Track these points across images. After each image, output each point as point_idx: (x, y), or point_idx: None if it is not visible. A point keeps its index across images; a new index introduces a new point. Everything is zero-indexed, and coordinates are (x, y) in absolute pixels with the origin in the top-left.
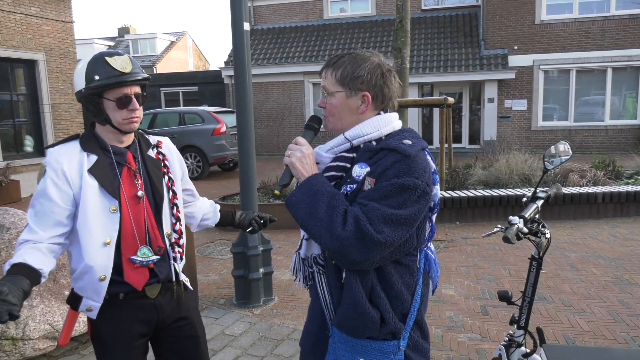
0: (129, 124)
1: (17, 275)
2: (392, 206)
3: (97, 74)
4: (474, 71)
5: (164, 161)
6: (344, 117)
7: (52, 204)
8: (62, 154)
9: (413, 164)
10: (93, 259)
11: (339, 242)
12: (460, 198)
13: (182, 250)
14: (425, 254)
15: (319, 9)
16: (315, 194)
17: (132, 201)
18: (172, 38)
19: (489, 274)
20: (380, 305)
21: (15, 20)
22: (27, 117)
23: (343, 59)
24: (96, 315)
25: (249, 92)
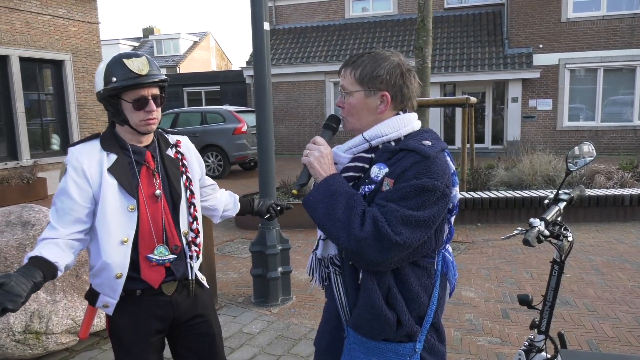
0: (146, 125)
1: (30, 267)
2: (410, 207)
3: (114, 75)
4: (497, 70)
5: (183, 160)
6: (363, 117)
7: (72, 201)
8: (83, 153)
9: (432, 165)
10: (110, 257)
11: (357, 242)
12: (482, 199)
13: (198, 249)
14: (443, 256)
15: (340, 8)
16: (333, 194)
17: (150, 200)
18: (195, 38)
19: (510, 276)
20: (397, 307)
21: (43, 22)
22: (54, 116)
23: (362, 58)
24: (113, 312)
25: (269, 91)
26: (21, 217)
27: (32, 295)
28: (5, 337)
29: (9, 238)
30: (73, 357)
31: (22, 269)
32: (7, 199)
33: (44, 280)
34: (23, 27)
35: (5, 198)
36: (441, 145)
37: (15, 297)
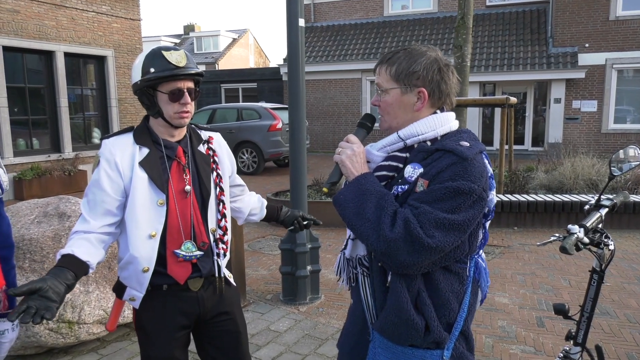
0: (179, 118)
1: (63, 269)
2: (445, 210)
3: (152, 66)
4: (540, 70)
5: (214, 157)
6: (399, 115)
7: (104, 193)
8: (116, 145)
9: (470, 167)
10: (138, 250)
11: (386, 244)
12: (520, 202)
13: (226, 247)
14: (476, 262)
15: (379, 5)
16: (363, 193)
17: (179, 195)
18: (234, 35)
19: (547, 283)
20: (426, 312)
21: (88, 18)
22: (96, 110)
23: (398, 54)
24: (139, 305)
25: (302, 88)
26: (58, 209)
27: None
28: (39, 326)
29: (45, 229)
30: (104, 347)
31: (55, 270)
32: (50, 190)
33: (76, 280)
34: (68, 23)
35: (47, 189)
36: (479, 147)
37: (51, 304)
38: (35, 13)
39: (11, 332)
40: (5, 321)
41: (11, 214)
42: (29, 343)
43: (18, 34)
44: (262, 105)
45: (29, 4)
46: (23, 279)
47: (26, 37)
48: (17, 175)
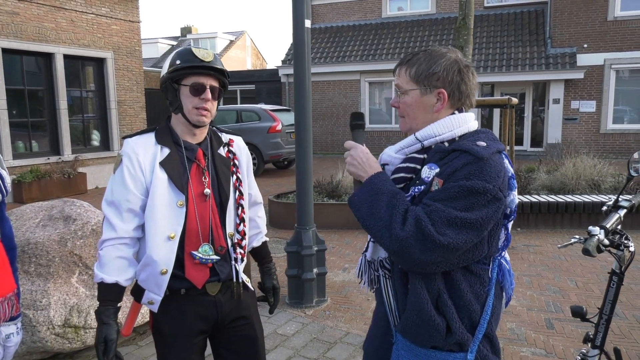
0: (198, 115)
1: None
2: (457, 208)
3: (179, 59)
4: (539, 70)
5: (234, 160)
6: (419, 116)
7: (128, 192)
8: (139, 144)
9: (485, 166)
10: (156, 252)
11: (399, 242)
12: (523, 203)
13: (243, 252)
14: (499, 263)
15: (377, 7)
16: (376, 192)
17: (198, 198)
18: (231, 37)
19: (553, 284)
20: (447, 313)
21: (87, 20)
22: (95, 112)
23: (418, 55)
24: (157, 309)
25: (308, 89)
26: (63, 212)
27: (72, 289)
28: (45, 330)
29: (51, 232)
30: None
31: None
32: (49, 193)
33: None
34: (68, 25)
35: (47, 192)
36: (497, 146)
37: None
38: (35, 15)
39: (16, 336)
40: (10, 325)
41: (15, 218)
42: (34, 348)
43: (17, 36)
44: (262, 107)
45: (29, 6)
46: (29, 283)
47: (25, 39)
48: (17, 178)
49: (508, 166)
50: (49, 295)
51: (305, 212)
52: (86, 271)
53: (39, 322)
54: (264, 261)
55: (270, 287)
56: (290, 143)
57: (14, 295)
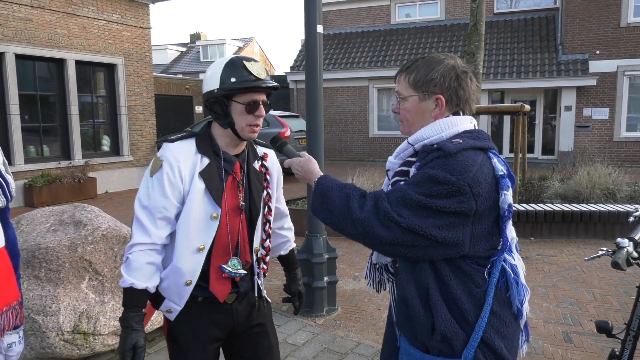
0: (250, 131)
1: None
2: (417, 192)
3: (234, 76)
4: (550, 77)
5: (266, 175)
6: (417, 122)
7: (167, 200)
8: (181, 151)
9: (452, 160)
10: (183, 262)
11: (361, 224)
12: (536, 212)
13: (266, 268)
14: (504, 270)
15: (386, 14)
16: (326, 190)
17: (232, 212)
18: (240, 44)
19: (570, 296)
20: (434, 307)
21: (99, 27)
22: (105, 118)
23: (417, 62)
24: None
25: (320, 95)
26: (74, 217)
27: (81, 295)
28: (54, 337)
29: (61, 237)
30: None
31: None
32: (59, 197)
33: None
34: (80, 31)
35: (57, 196)
36: (474, 143)
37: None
38: (48, 21)
39: (18, 345)
40: (12, 334)
41: (26, 222)
42: (43, 354)
43: (30, 42)
44: (271, 113)
45: (42, 13)
46: (39, 288)
47: (38, 45)
48: (28, 182)
49: (497, 165)
50: (58, 300)
51: (316, 220)
52: (96, 277)
53: (48, 328)
54: (290, 268)
55: (296, 291)
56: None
57: (18, 304)
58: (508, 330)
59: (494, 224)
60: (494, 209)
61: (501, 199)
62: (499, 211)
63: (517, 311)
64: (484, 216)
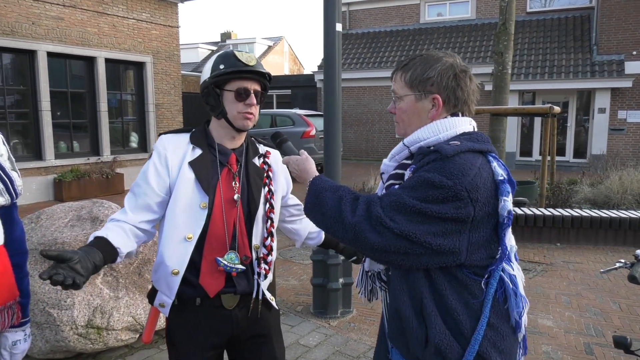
0: (243, 119)
1: (93, 248)
2: (412, 197)
3: (222, 64)
4: (583, 78)
5: (268, 172)
6: (413, 123)
7: (148, 186)
8: (172, 141)
9: (449, 164)
10: (170, 251)
11: (352, 229)
12: (563, 217)
13: (268, 268)
14: (502, 280)
15: (415, 12)
16: (319, 192)
17: (227, 204)
18: (269, 43)
19: (594, 306)
20: (428, 319)
21: (128, 25)
22: (134, 115)
23: (414, 60)
24: (171, 319)
25: (338, 94)
26: (91, 213)
27: (96, 290)
28: (68, 330)
29: (78, 232)
30: (132, 354)
31: (86, 248)
32: (88, 192)
33: (104, 263)
34: (110, 30)
35: (86, 191)
36: (473, 145)
37: (79, 277)
38: (79, 20)
39: (23, 343)
40: (17, 332)
41: (46, 217)
42: (58, 347)
43: (62, 40)
44: (296, 112)
45: (73, 12)
46: None
47: (69, 44)
48: (57, 177)
49: (497, 169)
50: (73, 295)
51: None
52: (111, 272)
53: (63, 322)
54: (335, 241)
55: (352, 251)
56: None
57: (16, 304)
58: (505, 344)
59: (492, 231)
60: (492, 215)
61: (500, 205)
62: (498, 218)
63: (515, 324)
64: (482, 223)
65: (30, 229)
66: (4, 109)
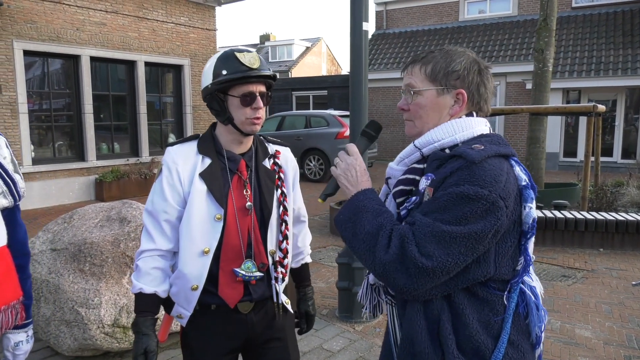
0: (251, 124)
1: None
2: (447, 221)
3: (225, 68)
4: (633, 75)
5: (280, 173)
6: (432, 120)
7: (166, 203)
8: (180, 154)
9: (478, 170)
10: (188, 266)
11: (382, 267)
12: (607, 221)
13: (285, 271)
14: (522, 292)
15: (454, 10)
16: (359, 211)
17: (240, 212)
18: (307, 44)
19: (638, 316)
20: (445, 344)
21: (167, 29)
22: (172, 117)
23: (433, 53)
24: (186, 323)
25: (365, 93)
26: (120, 213)
27: (122, 290)
28: (95, 329)
29: (106, 233)
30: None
31: (143, 328)
32: (127, 192)
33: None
34: (149, 34)
35: (125, 191)
36: (498, 149)
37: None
38: (120, 25)
39: (25, 344)
40: (20, 333)
41: (78, 217)
42: (85, 345)
43: (104, 45)
44: (330, 112)
45: (115, 17)
46: (82, 281)
47: (111, 48)
48: (99, 178)
49: (520, 174)
50: (100, 294)
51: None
52: None
53: (90, 320)
54: (300, 284)
55: (304, 312)
56: None
57: (19, 304)
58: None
59: (517, 241)
60: (518, 224)
61: (525, 212)
62: (521, 226)
63: (535, 339)
64: (509, 232)
65: (63, 229)
66: (50, 112)
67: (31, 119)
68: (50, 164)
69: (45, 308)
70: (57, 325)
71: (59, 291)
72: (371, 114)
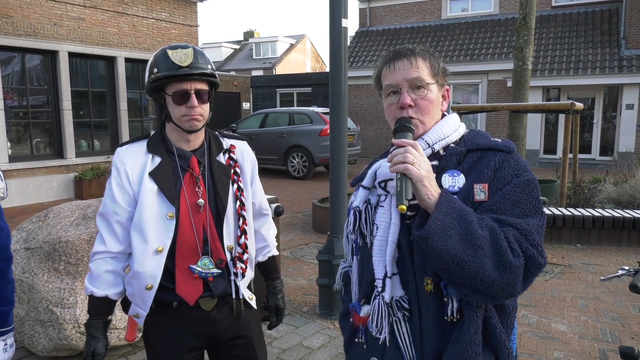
0: (188, 121)
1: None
2: (531, 213)
3: (157, 66)
4: (611, 74)
5: (235, 168)
6: (435, 117)
7: (115, 204)
8: (128, 154)
9: (519, 158)
10: (142, 266)
11: (511, 273)
12: (584, 217)
13: (245, 267)
14: None
15: (437, 8)
16: (462, 215)
17: (193, 209)
18: (292, 41)
19: (612, 310)
20: (494, 344)
21: (148, 25)
22: (153, 113)
23: (420, 48)
24: (146, 322)
25: (344, 92)
26: (97, 211)
27: None
28: (71, 329)
29: (82, 231)
30: (135, 352)
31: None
32: None
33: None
34: (129, 30)
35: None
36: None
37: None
38: (99, 20)
39: (3, 354)
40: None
41: (53, 215)
42: (61, 345)
43: (83, 40)
44: (314, 109)
45: (94, 12)
46: (57, 281)
47: (90, 44)
48: (78, 175)
49: None
50: (76, 293)
51: (339, 220)
52: None
53: (65, 320)
54: (269, 278)
55: (273, 306)
56: None
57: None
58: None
59: None
60: None
61: None
62: None
63: None
64: None
65: (37, 228)
66: (27, 108)
67: (8, 116)
68: (28, 162)
69: (19, 308)
70: (32, 325)
71: (33, 291)
72: (354, 111)
